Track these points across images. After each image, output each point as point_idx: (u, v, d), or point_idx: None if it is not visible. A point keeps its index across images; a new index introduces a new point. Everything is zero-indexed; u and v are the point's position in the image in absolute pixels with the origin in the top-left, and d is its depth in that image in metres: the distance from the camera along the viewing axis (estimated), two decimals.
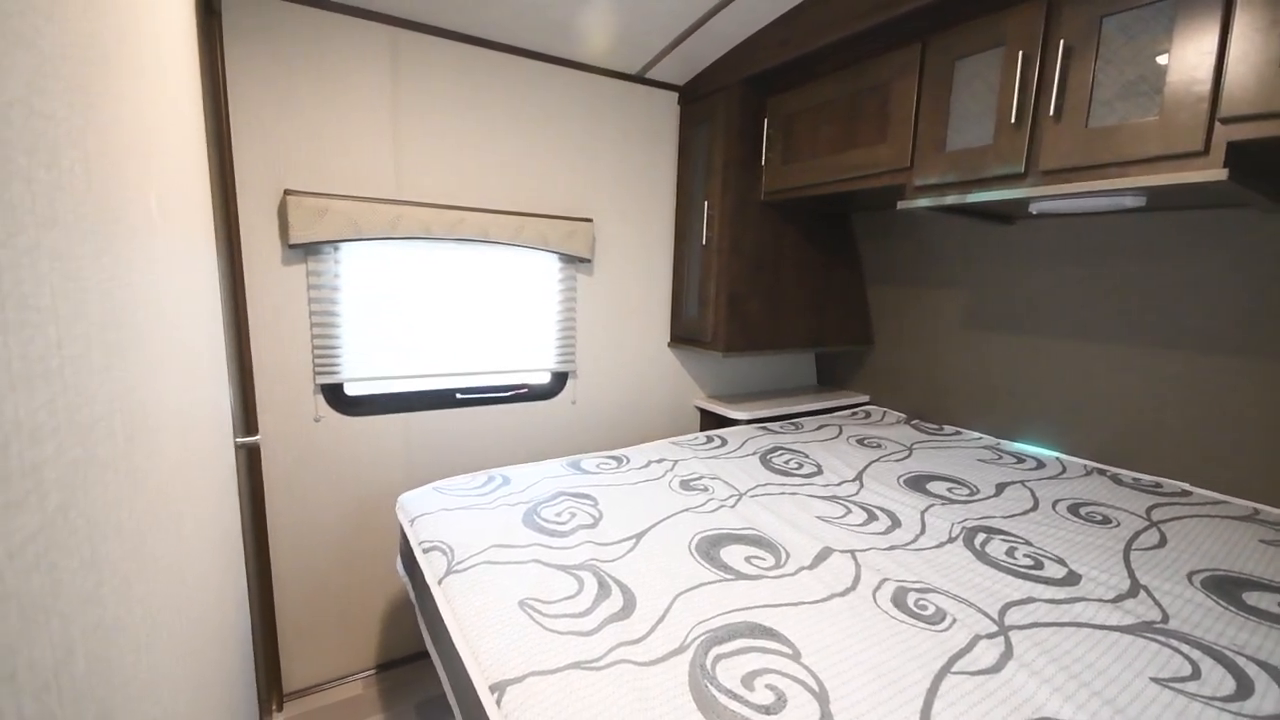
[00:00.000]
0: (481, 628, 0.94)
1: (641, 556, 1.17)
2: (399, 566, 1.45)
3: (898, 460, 1.81)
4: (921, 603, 1.03)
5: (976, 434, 2.12)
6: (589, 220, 2.12)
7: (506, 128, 1.97)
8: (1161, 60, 1.16)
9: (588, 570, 1.11)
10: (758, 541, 1.25)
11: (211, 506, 0.91)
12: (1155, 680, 0.85)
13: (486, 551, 1.18)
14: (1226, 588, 1.09)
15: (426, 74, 1.80)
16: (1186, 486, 1.61)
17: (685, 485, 1.56)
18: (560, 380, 2.23)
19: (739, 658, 0.86)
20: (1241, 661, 0.89)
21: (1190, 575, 1.14)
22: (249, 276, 1.59)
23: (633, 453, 1.83)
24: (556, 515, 1.35)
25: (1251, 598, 1.06)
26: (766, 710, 0.76)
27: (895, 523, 1.36)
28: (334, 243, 1.69)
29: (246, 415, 1.58)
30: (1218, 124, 1.10)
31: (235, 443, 1.28)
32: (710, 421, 2.46)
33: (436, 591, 1.10)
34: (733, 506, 1.43)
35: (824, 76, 1.87)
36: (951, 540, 1.28)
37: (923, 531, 1.32)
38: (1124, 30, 1.21)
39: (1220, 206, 1.51)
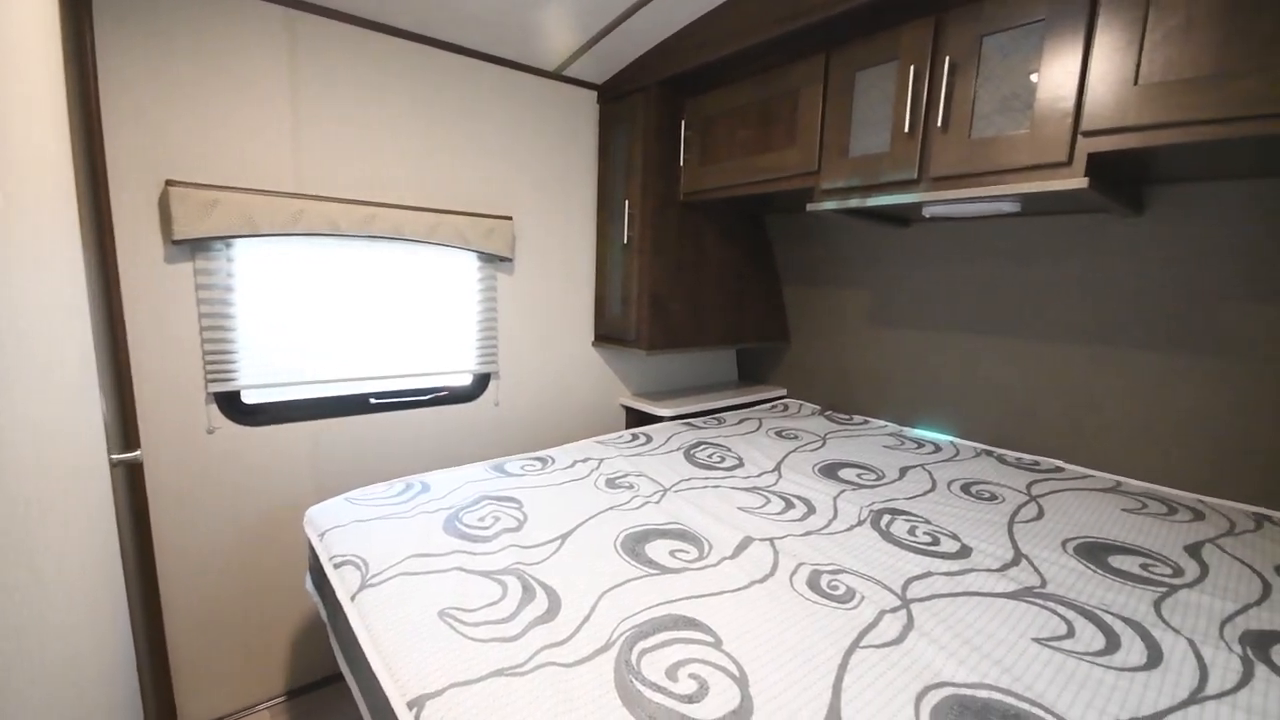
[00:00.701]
0: (398, 642, 0.90)
1: (567, 557, 1.17)
2: (308, 584, 1.36)
3: (813, 450, 1.89)
4: (834, 584, 1.09)
5: (883, 422, 2.27)
6: (508, 218, 2.07)
7: (420, 122, 1.89)
8: (1033, 78, 1.28)
9: (512, 574, 1.09)
10: (682, 535, 1.27)
11: (79, 532, 0.82)
12: (1036, 640, 0.94)
13: (404, 562, 1.13)
14: (1095, 553, 1.22)
15: (329, 61, 1.70)
16: (1060, 463, 1.79)
17: (611, 483, 1.57)
18: (482, 382, 2.17)
19: (663, 650, 0.87)
20: (1109, 619, 0.99)
21: (1064, 543, 1.27)
22: (126, 276, 1.45)
23: (558, 453, 1.81)
24: (479, 520, 1.32)
25: (1116, 560, 1.19)
26: (689, 699, 0.78)
27: (810, 509, 1.43)
28: (226, 239, 1.56)
29: (126, 429, 1.44)
30: (1080, 137, 1.23)
31: (111, 460, 1.15)
32: (636, 419, 2.48)
33: (349, 608, 1.04)
34: (658, 502, 1.45)
35: (739, 81, 1.93)
36: (860, 523, 1.36)
37: (835, 516, 1.39)
38: (1001, 49, 1.33)
39: (1083, 212, 1.69)
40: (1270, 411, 1.47)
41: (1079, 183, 1.22)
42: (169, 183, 1.47)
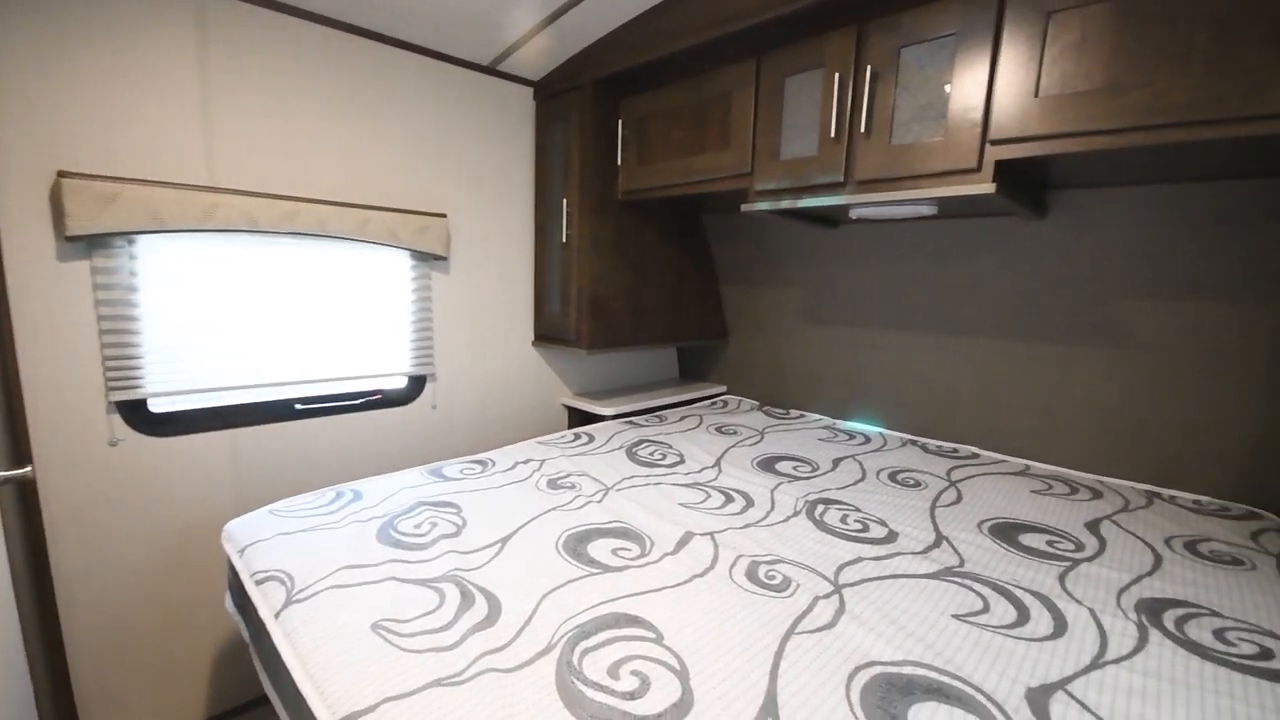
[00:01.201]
0: (327, 659, 0.86)
1: (508, 561, 1.15)
2: (228, 604, 1.28)
3: (751, 445, 1.94)
4: (771, 573, 1.12)
5: (818, 416, 2.35)
6: (443, 216, 2.02)
7: (347, 114, 1.81)
8: (946, 89, 1.36)
9: (450, 581, 1.07)
10: (624, 533, 1.28)
11: None
12: (955, 616, 1.00)
13: (334, 575, 1.08)
14: (1007, 532, 1.32)
15: (244, 47, 1.60)
16: (976, 450, 1.92)
17: (553, 484, 1.55)
18: (418, 384, 2.11)
19: (605, 649, 0.88)
20: (1019, 593, 1.07)
21: (980, 524, 1.35)
22: (11, 275, 1.31)
23: (498, 455, 1.78)
24: (416, 527, 1.28)
25: (1025, 539, 1.29)
26: (631, 695, 0.78)
27: (749, 503, 1.47)
28: (127, 235, 1.44)
29: (15, 443, 1.31)
30: (988, 145, 1.32)
31: None
32: (578, 419, 2.47)
33: (274, 626, 0.99)
34: (600, 501, 1.45)
35: (674, 83, 1.96)
36: (796, 514, 1.40)
37: (772, 508, 1.43)
38: (918, 60, 1.41)
39: (993, 215, 1.81)
40: (1156, 398, 1.62)
41: (987, 188, 1.31)
42: (61, 174, 1.35)
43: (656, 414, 2.34)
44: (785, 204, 1.68)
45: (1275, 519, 1.40)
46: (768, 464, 1.75)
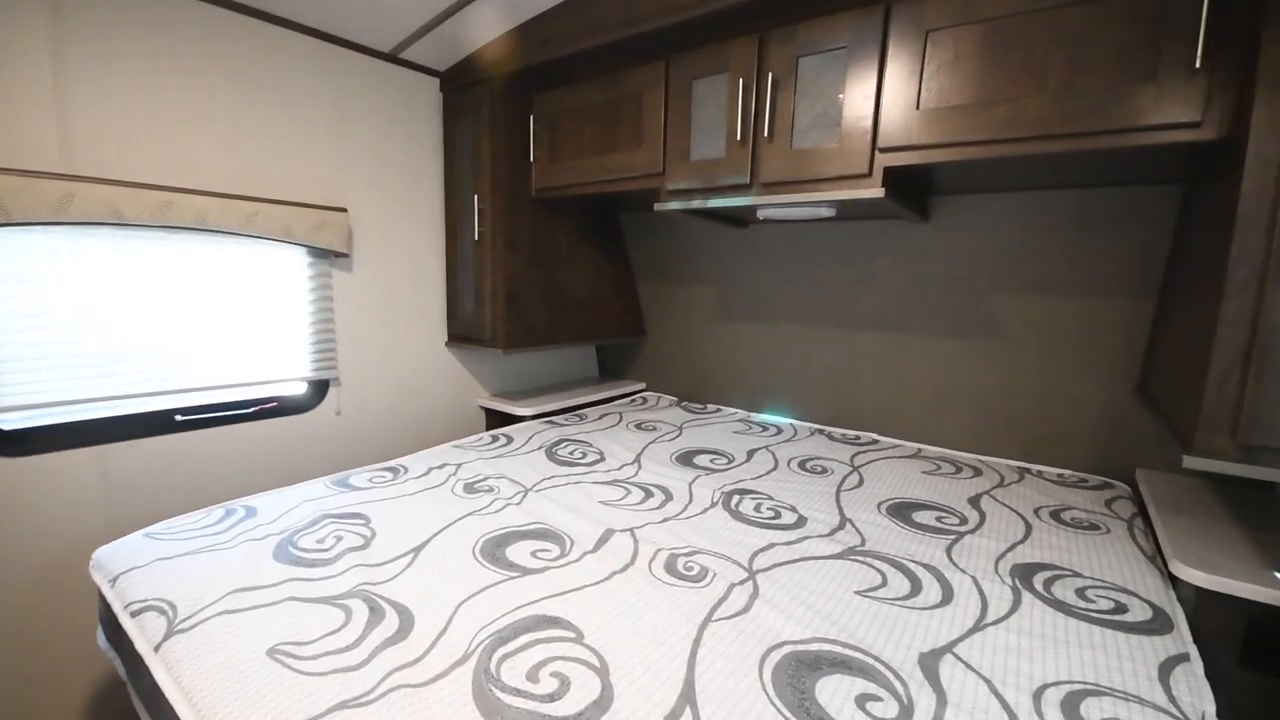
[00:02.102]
0: (217, 692, 0.80)
1: (421, 571, 1.11)
2: (100, 640, 1.15)
3: (670, 440, 1.98)
4: (689, 565, 1.15)
5: (734, 409, 2.43)
6: (343, 210, 1.91)
7: (230, 98, 1.67)
8: (840, 98, 1.45)
9: (357, 597, 1.01)
10: (544, 534, 1.26)
11: None
12: (857, 593, 1.07)
13: (224, 600, 1.00)
14: (902, 511, 1.42)
15: (105, 19, 1.44)
16: (875, 436, 2.06)
17: (469, 489, 1.51)
18: (320, 389, 1.98)
19: (524, 653, 0.86)
20: (913, 566, 1.16)
21: (879, 505, 1.45)
22: None
23: (411, 461, 1.71)
24: (318, 542, 1.21)
25: (918, 516, 1.39)
26: (550, 698, 0.78)
27: (668, 497, 1.49)
28: None
29: None
30: (877, 152, 1.42)
31: None
32: (496, 420, 2.42)
33: (154, 661, 0.90)
34: (519, 504, 1.43)
35: (586, 80, 1.95)
36: (713, 505, 1.45)
37: (690, 501, 1.47)
38: (814, 70, 1.49)
39: (885, 218, 1.94)
40: (1024, 384, 1.81)
41: (877, 192, 1.41)
42: None
43: (576, 413, 2.33)
44: (696, 204, 1.73)
45: (1125, 488, 1.60)
46: (686, 458, 1.79)
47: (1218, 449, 0.99)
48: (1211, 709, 0.79)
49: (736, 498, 1.49)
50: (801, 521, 1.36)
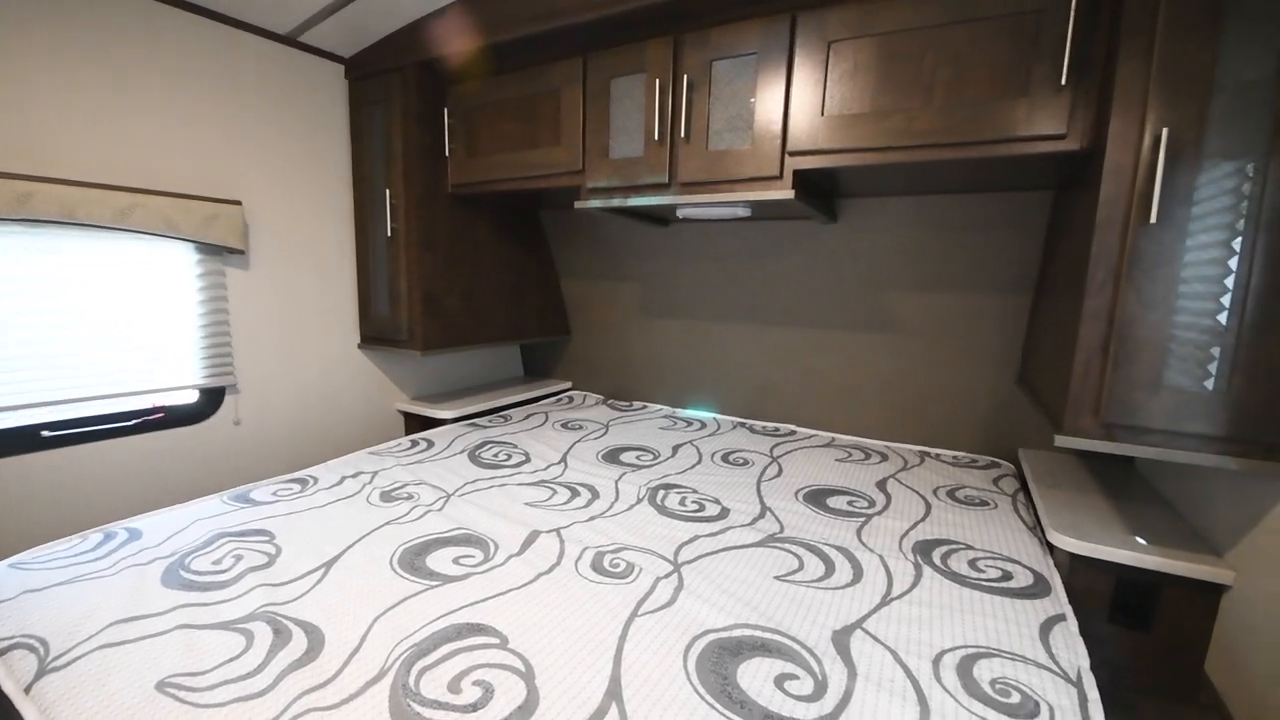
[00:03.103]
0: None
1: (332, 587, 1.05)
2: None
3: (597, 438, 1.98)
4: (615, 561, 1.16)
5: (659, 406, 2.46)
6: (237, 203, 1.77)
7: (101, 78, 1.51)
8: (752, 102, 1.50)
9: (259, 620, 0.95)
10: (467, 540, 1.23)
11: None
12: (777, 578, 1.11)
13: (104, 632, 0.90)
14: (817, 498, 1.49)
15: None
16: (793, 427, 2.15)
17: (387, 497, 1.45)
18: (214, 397, 1.83)
19: (446, 664, 0.84)
20: (827, 549, 1.22)
21: (797, 493, 1.52)
22: None
23: (321, 471, 1.61)
24: (215, 564, 1.11)
25: (831, 501, 1.47)
26: (473, 707, 0.76)
27: (595, 495, 1.49)
28: None
29: None
30: (787, 155, 1.48)
31: None
32: (416, 425, 2.33)
33: (24, 704, 0.80)
34: (440, 510, 1.38)
35: (503, 74, 1.91)
36: (640, 501, 1.46)
37: (617, 498, 1.47)
38: (727, 74, 1.53)
39: (797, 219, 2.03)
40: (923, 374, 1.95)
41: (787, 194, 1.47)
42: None
43: (501, 414, 2.29)
44: (616, 202, 1.74)
45: (1010, 466, 1.76)
46: (612, 456, 1.79)
47: (1083, 429, 1.11)
48: (1085, 662, 0.88)
49: (662, 493, 1.51)
50: (725, 513, 1.39)
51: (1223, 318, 0.98)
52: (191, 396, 1.80)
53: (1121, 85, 1.04)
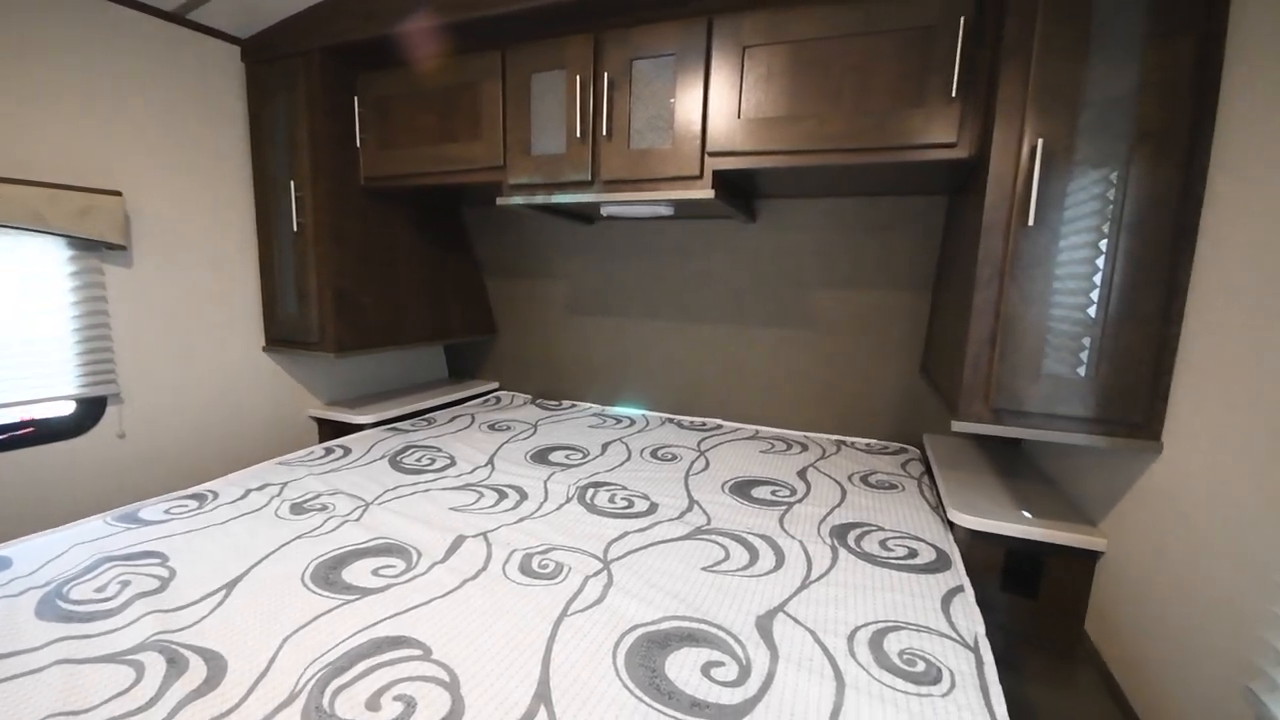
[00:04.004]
0: None
1: (235, 609, 0.98)
2: None
3: (525, 439, 1.95)
4: (544, 562, 1.15)
5: (588, 404, 2.46)
6: (117, 194, 1.61)
7: None
8: (671, 102, 1.52)
9: (151, 649, 0.87)
10: (387, 550, 1.18)
11: None
12: (703, 569, 1.14)
13: None
14: (743, 489, 1.54)
15: None
16: (719, 421, 2.21)
17: (298, 509, 1.36)
18: (94, 409, 1.66)
19: (364, 681, 0.80)
20: (752, 539, 1.26)
21: (723, 485, 1.56)
22: None
23: (222, 485, 1.50)
24: (97, 591, 1.01)
25: (756, 492, 1.52)
26: None
27: (523, 496, 1.47)
28: None
29: None
30: (707, 156, 1.51)
31: None
32: (331, 431, 2.20)
33: None
34: (358, 520, 1.32)
35: (417, 63, 1.83)
36: (569, 500, 1.45)
37: (546, 498, 1.46)
38: (647, 74, 1.55)
39: (718, 218, 2.09)
40: (838, 367, 2.05)
41: (707, 193, 1.51)
42: None
43: (424, 417, 2.21)
44: (539, 199, 1.72)
45: (916, 451, 1.89)
46: (541, 456, 1.77)
47: (975, 414, 1.20)
48: (981, 629, 0.96)
49: (591, 491, 1.51)
50: (653, 508, 1.41)
51: (1091, 311, 1.10)
52: (67, 408, 1.62)
53: (1003, 99, 1.14)
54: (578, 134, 1.60)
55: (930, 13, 1.28)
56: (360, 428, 2.10)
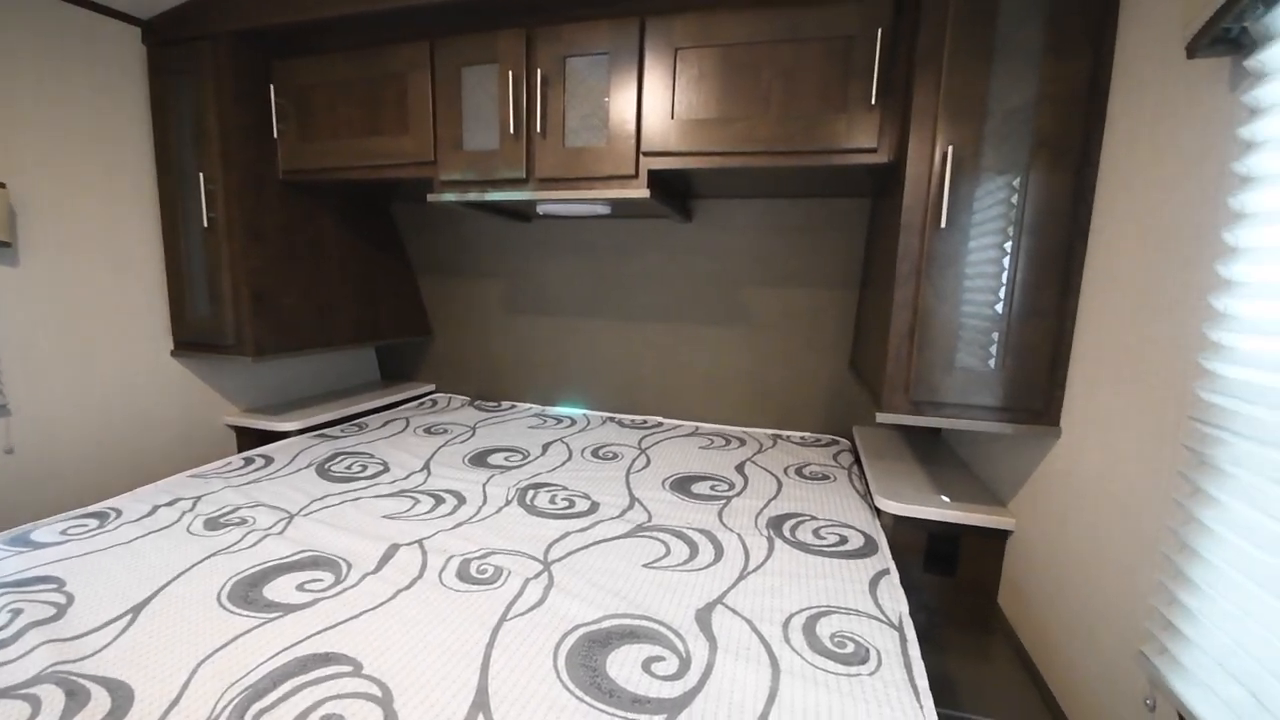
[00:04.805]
0: None
1: (141, 635, 0.90)
2: None
3: (463, 442, 1.90)
4: (483, 568, 1.12)
5: (528, 405, 2.43)
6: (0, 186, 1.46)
7: None
8: (606, 101, 1.52)
9: (47, 682, 0.79)
10: (314, 563, 1.13)
11: None
12: (645, 565, 1.15)
13: None
14: (683, 485, 1.56)
15: None
16: (660, 419, 2.23)
17: (213, 524, 1.28)
18: None
19: (288, 702, 0.76)
20: (691, 533, 1.28)
21: (664, 482, 1.58)
22: None
23: (127, 502, 1.39)
24: None
25: (695, 487, 1.54)
26: None
27: (461, 501, 1.44)
28: None
29: None
30: (642, 156, 1.52)
31: None
32: (251, 440, 2.07)
33: None
34: (281, 532, 1.25)
35: (339, 52, 1.76)
36: (509, 503, 1.43)
37: (485, 502, 1.43)
38: (581, 72, 1.54)
39: (655, 217, 2.10)
40: (774, 363, 2.12)
41: (642, 192, 1.52)
42: None
43: (355, 422, 2.11)
44: (473, 196, 1.68)
45: (846, 442, 1.97)
46: (480, 459, 1.74)
47: (897, 406, 1.27)
48: (905, 608, 1.02)
49: (531, 492, 1.49)
50: (595, 507, 1.41)
51: (999, 308, 1.18)
52: None
53: (917, 107, 1.20)
54: (511, 130, 1.58)
55: (850, 23, 1.34)
56: (284, 435, 1.99)
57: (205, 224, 1.79)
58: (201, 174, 1.77)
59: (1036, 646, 1.16)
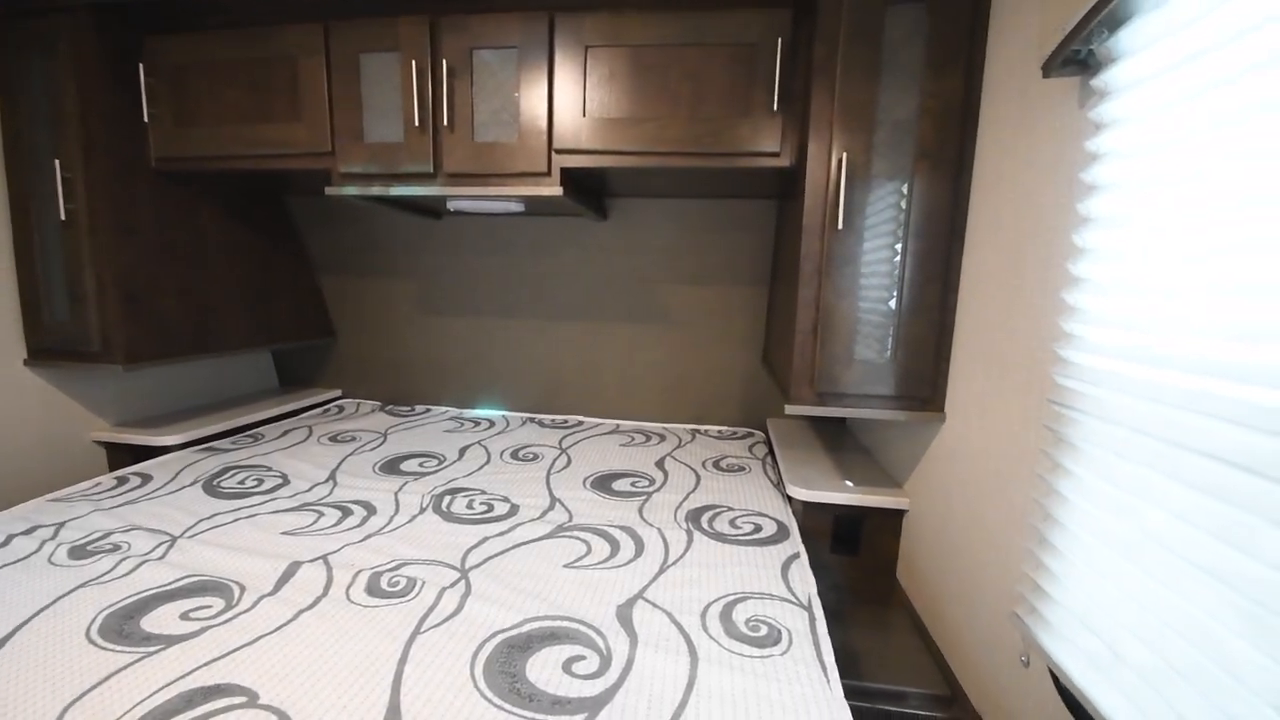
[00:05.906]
0: None
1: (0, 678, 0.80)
2: None
3: (373, 449, 1.81)
4: (394, 580, 1.08)
5: (444, 408, 2.34)
6: None
7: None
8: (516, 96, 1.50)
9: None
10: (201, 589, 1.03)
11: None
12: (566, 565, 1.14)
13: None
14: (604, 483, 1.57)
15: None
16: (580, 418, 2.22)
17: (79, 553, 1.14)
18: None
19: None
20: (613, 531, 1.29)
21: (585, 481, 1.58)
22: None
23: None
24: None
25: (616, 485, 1.55)
26: None
27: (371, 511, 1.37)
28: None
29: None
30: (554, 153, 1.51)
31: None
32: (125, 457, 1.86)
33: None
34: (162, 557, 1.14)
35: (219, 30, 1.61)
36: (423, 511, 1.38)
37: (397, 511, 1.37)
38: (490, 65, 1.51)
39: (570, 215, 2.09)
40: (689, 359, 2.17)
41: (555, 190, 1.51)
42: None
43: (249, 433, 1.96)
44: (376, 191, 1.59)
45: (760, 434, 2.05)
46: (391, 466, 1.66)
47: (803, 397, 1.34)
48: (814, 589, 1.07)
49: (448, 498, 1.44)
50: (514, 510, 1.39)
51: (891, 304, 1.27)
52: None
53: (815, 115, 1.27)
54: (416, 123, 1.51)
55: (752, 32, 1.39)
56: (164, 450, 1.81)
57: (63, 217, 1.59)
58: (57, 160, 1.57)
59: (928, 614, 1.26)
